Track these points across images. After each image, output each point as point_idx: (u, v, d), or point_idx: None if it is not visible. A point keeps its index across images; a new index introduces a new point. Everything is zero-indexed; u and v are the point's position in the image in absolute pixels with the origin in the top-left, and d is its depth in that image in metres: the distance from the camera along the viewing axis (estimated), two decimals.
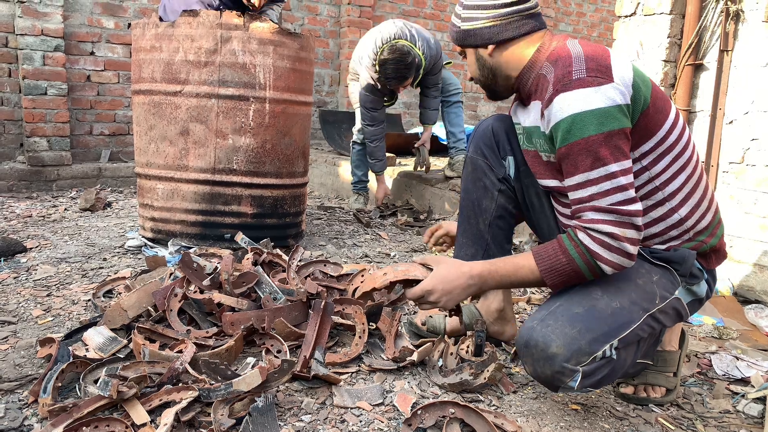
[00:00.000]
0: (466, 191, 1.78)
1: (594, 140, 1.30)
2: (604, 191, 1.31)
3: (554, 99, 1.34)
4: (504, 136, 1.70)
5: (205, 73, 2.51)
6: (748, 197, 2.59)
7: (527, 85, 1.51)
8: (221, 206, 2.61)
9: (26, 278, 2.27)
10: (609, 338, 1.33)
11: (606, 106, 1.30)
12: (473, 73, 1.59)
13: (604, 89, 1.30)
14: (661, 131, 1.41)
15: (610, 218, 1.31)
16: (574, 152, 1.33)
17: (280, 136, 2.65)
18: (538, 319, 1.36)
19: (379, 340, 1.78)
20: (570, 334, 1.31)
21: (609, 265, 1.33)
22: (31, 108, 4.36)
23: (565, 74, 1.34)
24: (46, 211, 3.60)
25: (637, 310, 1.38)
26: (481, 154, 1.73)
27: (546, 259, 1.37)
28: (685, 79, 2.74)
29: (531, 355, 1.34)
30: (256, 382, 1.36)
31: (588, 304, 1.35)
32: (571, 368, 1.30)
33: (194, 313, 1.79)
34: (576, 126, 1.31)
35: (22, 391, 1.43)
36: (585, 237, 1.32)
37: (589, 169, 1.32)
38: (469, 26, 1.49)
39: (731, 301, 2.47)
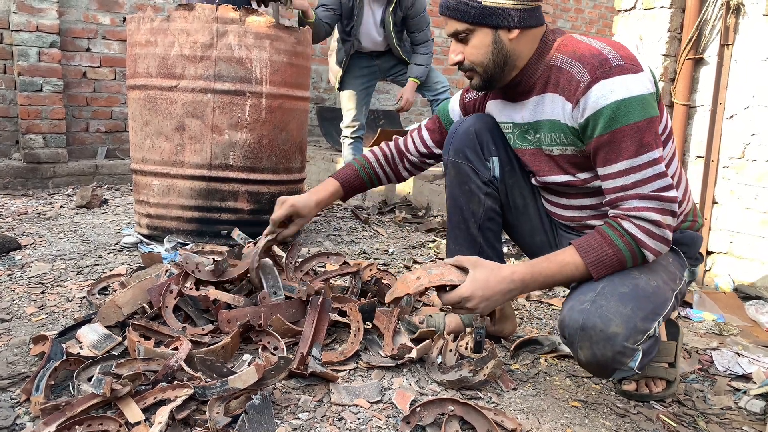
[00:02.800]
0: (452, 197, 1.72)
1: (640, 126, 1.30)
2: (647, 178, 1.32)
3: (593, 86, 1.32)
4: (488, 136, 1.64)
5: (201, 68, 2.48)
6: (749, 192, 2.57)
7: (533, 77, 1.47)
8: (218, 202, 2.58)
9: (20, 275, 2.24)
10: (656, 316, 1.34)
11: (646, 93, 1.32)
12: (479, 57, 1.45)
13: (641, 77, 1.32)
14: (664, 115, 1.44)
15: (653, 205, 1.32)
16: (618, 138, 1.32)
17: (277, 131, 2.63)
18: (588, 301, 1.32)
19: (377, 337, 1.76)
20: (625, 313, 1.29)
21: (652, 252, 1.35)
22: (26, 105, 4.33)
23: (602, 61, 1.33)
24: (41, 208, 3.57)
25: (668, 289, 1.40)
26: (463, 157, 1.66)
27: (591, 252, 1.35)
28: (686, 73, 2.72)
29: (589, 337, 1.30)
30: (252, 379, 1.33)
31: (631, 284, 1.35)
32: (632, 347, 1.29)
33: (190, 310, 1.77)
34: (621, 112, 1.30)
35: (14, 389, 1.41)
36: (631, 226, 1.33)
37: (634, 155, 1.31)
38: (496, 3, 1.39)
39: (732, 297, 2.45)
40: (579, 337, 1.31)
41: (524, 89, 1.51)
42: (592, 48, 1.36)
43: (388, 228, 3.45)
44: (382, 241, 3.14)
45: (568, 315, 1.34)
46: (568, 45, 1.42)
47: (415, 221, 3.66)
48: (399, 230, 3.43)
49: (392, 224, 3.57)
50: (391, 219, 3.69)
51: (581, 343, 1.32)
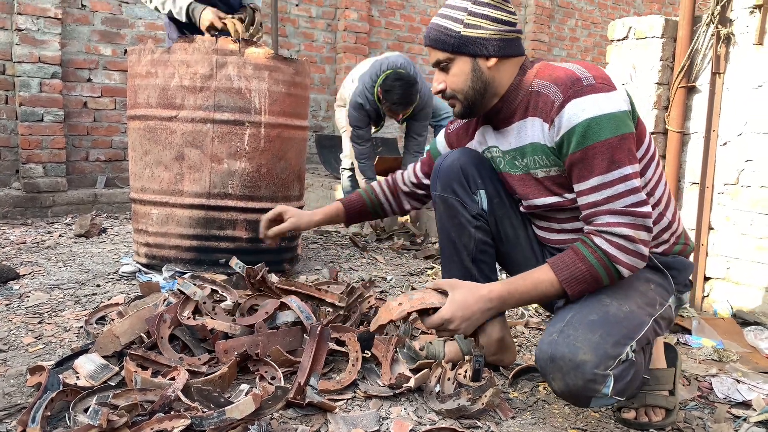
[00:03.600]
0: (444, 230, 1.74)
1: (610, 143, 1.33)
2: (619, 194, 1.35)
3: (566, 105, 1.37)
4: (473, 169, 1.67)
5: (201, 98, 2.52)
6: (744, 218, 2.59)
7: (513, 103, 1.52)
8: (216, 231, 2.59)
9: (18, 305, 2.24)
10: (628, 340, 1.34)
11: (618, 110, 1.35)
12: (460, 84, 1.51)
13: (613, 95, 1.36)
14: (646, 140, 1.48)
15: (625, 221, 1.34)
16: (589, 155, 1.35)
17: (276, 160, 2.66)
18: (556, 331, 1.34)
19: (375, 365, 1.75)
20: (593, 340, 1.30)
21: (626, 267, 1.36)
22: (27, 134, 4.37)
23: (575, 82, 1.37)
24: (40, 237, 3.58)
25: (644, 314, 1.41)
26: (451, 192, 1.68)
27: (564, 269, 1.37)
28: (678, 101, 2.76)
29: (559, 368, 1.31)
30: (250, 409, 1.33)
31: (601, 311, 1.36)
32: (602, 374, 1.29)
33: (187, 340, 1.76)
34: (592, 129, 1.34)
35: (10, 420, 1.40)
36: (602, 241, 1.35)
37: (605, 171, 1.35)
38: (474, 33, 1.46)
39: (730, 323, 2.45)
40: (550, 369, 1.33)
41: (506, 115, 1.55)
42: (567, 70, 1.42)
43: (387, 255, 3.46)
44: (380, 268, 3.14)
45: (539, 348, 1.37)
46: (545, 70, 1.48)
47: (413, 248, 3.67)
48: (397, 257, 3.43)
49: (390, 251, 3.58)
50: (390, 246, 3.70)
51: (553, 375, 1.33)
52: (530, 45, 7.64)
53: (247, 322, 1.82)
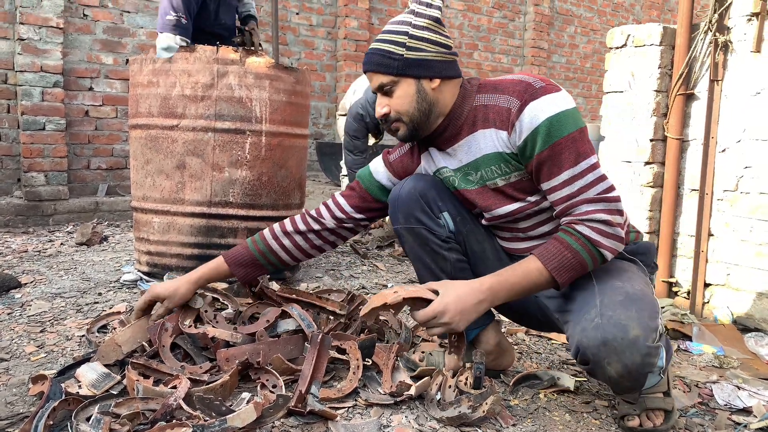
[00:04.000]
0: (418, 259, 1.72)
1: (573, 137, 1.41)
2: (590, 182, 1.42)
3: (525, 108, 1.43)
4: (432, 193, 1.65)
5: (202, 107, 2.53)
6: (744, 225, 2.59)
7: (459, 120, 1.56)
8: (217, 239, 2.60)
9: (20, 314, 2.25)
10: (656, 313, 1.39)
11: (571, 107, 1.43)
12: (405, 106, 1.52)
13: (563, 94, 1.45)
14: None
15: (601, 207, 1.41)
16: (557, 151, 1.42)
17: (277, 168, 2.67)
18: (597, 316, 1.37)
19: (376, 373, 1.76)
20: (633, 316, 1.33)
21: (608, 250, 1.42)
22: (29, 143, 4.39)
23: (526, 87, 1.45)
24: (42, 245, 3.59)
25: (650, 291, 1.47)
26: (416, 221, 1.66)
27: (552, 259, 1.41)
28: (677, 108, 2.77)
29: (614, 350, 1.32)
30: (251, 417, 1.34)
31: (622, 292, 1.40)
32: (654, 346, 1.33)
33: (189, 348, 1.77)
34: (554, 127, 1.41)
35: (12, 429, 1.41)
36: (585, 228, 1.40)
37: (574, 164, 1.42)
38: (417, 55, 1.50)
39: (731, 329, 2.45)
40: (604, 353, 1.34)
41: (452, 133, 1.58)
42: (511, 80, 1.49)
43: (387, 262, 3.46)
44: (381, 275, 3.15)
45: (584, 336, 1.37)
46: (487, 85, 1.55)
47: None
48: (398, 264, 3.44)
49: (391, 258, 3.58)
50: (390, 253, 3.71)
51: (608, 359, 1.33)
52: (530, 52, 7.66)
53: (249, 331, 1.83)
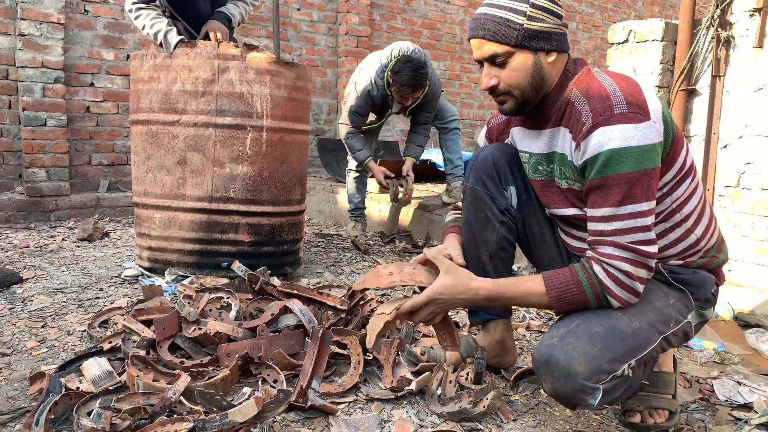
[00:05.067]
0: (467, 222, 1.73)
1: (629, 177, 1.30)
2: (628, 228, 1.32)
3: (594, 132, 1.33)
4: (505, 165, 1.66)
5: (203, 103, 2.53)
6: (745, 221, 2.59)
7: (552, 107, 1.47)
8: (218, 235, 2.60)
9: (21, 309, 2.25)
10: (627, 358, 1.33)
11: (645, 144, 1.30)
12: (519, 80, 1.43)
13: (643, 127, 1.30)
14: (681, 156, 1.43)
15: (628, 256, 1.32)
16: (607, 185, 1.33)
17: (278, 164, 2.67)
18: (558, 337, 1.34)
19: (377, 369, 1.76)
20: (591, 353, 1.29)
21: (617, 300, 1.35)
22: (30, 139, 4.39)
23: (606, 108, 1.33)
24: (43, 241, 3.60)
25: (654, 332, 1.38)
26: (481, 184, 1.67)
27: (557, 287, 1.38)
28: (679, 104, 2.76)
29: (551, 372, 1.31)
30: (252, 412, 1.34)
31: (608, 324, 1.34)
32: (592, 386, 1.29)
33: (187, 346, 1.77)
34: (613, 161, 1.31)
35: (14, 424, 1.41)
36: (600, 271, 1.34)
37: (619, 204, 1.32)
38: (538, 27, 1.39)
39: (732, 325, 2.45)
40: (542, 371, 1.34)
41: (543, 118, 1.51)
42: (602, 89, 1.37)
43: (388, 258, 3.46)
44: None
45: (537, 348, 1.37)
46: (583, 81, 1.43)
47: (415, 251, 3.68)
48: (399, 260, 3.44)
49: (392, 254, 3.58)
50: (391, 249, 3.71)
51: (544, 376, 1.34)
52: None
53: (251, 325, 1.83)
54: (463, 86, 7.07)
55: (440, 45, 6.84)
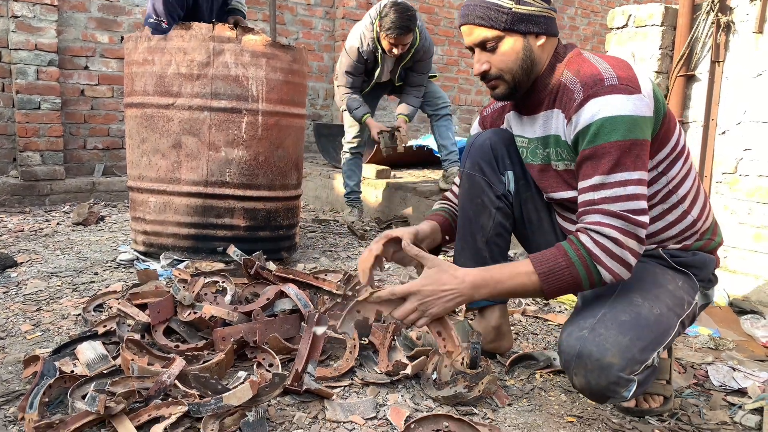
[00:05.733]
0: (463, 208, 1.72)
1: (620, 145, 1.29)
2: (617, 196, 1.31)
3: (585, 104, 1.33)
4: (503, 150, 1.65)
5: (198, 86, 2.50)
6: (742, 207, 2.59)
7: (544, 90, 1.47)
8: (214, 219, 2.59)
9: (16, 293, 2.24)
10: (657, 346, 1.32)
11: (636, 114, 1.30)
12: (509, 64, 1.43)
13: (634, 98, 1.30)
14: (674, 136, 1.43)
15: (616, 224, 1.30)
16: (598, 154, 1.32)
17: (273, 148, 2.65)
18: (587, 328, 1.31)
19: (372, 353, 1.76)
20: (623, 343, 1.27)
21: (609, 272, 1.31)
22: (24, 122, 4.35)
23: (597, 81, 1.33)
24: (38, 225, 3.58)
25: (673, 316, 1.38)
26: (478, 170, 1.67)
27: (545, 263, 1.34)
28: (678, 90, 2.75)
29: (584, 366, 1.28)
30: (247, 396, 1.33)
31: (633, 312, 1.33)
32: (627, 377, 1.27)
33: (182, 330, 1.76)
34: (604, 129, 1.30)
35: (8, 407, 1.41)
36: (587, 239, 1.31)
37: (609, 172, 1.31)
38: (526, 10, 1.39)
39: (727, 311, 2.46)
40: (575, 364, 1.31)
41: (536, 102, 1.51)
42: (593, 67, 1.37)
43: None
44: None
45: (566, 341, 1.33)
46: (574, 63, 1.43)
47: None
48: None
49: None
50: None
51: (576, 370, 1.31)
52: None
53: (246, 309, 1.82)
54: (460, 71, 7.03)
55: (438, 30, 6.78)
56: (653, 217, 1.45)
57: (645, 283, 1.41)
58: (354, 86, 3.72)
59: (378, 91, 3.94)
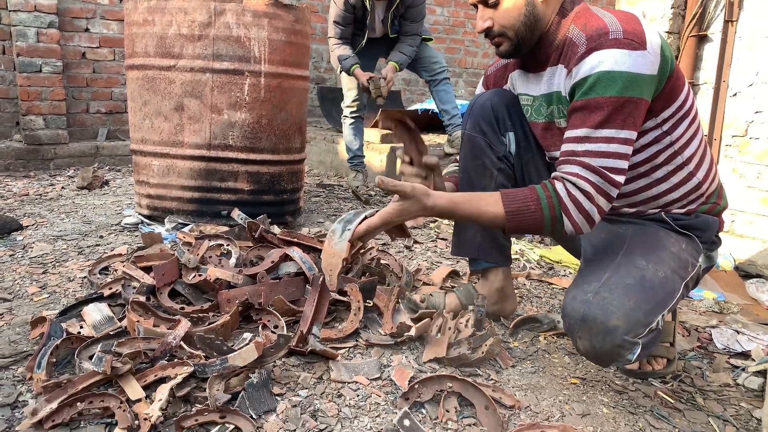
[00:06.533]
0: (465, 170, 1.71)
1: (614, 101, 1.27)
2: (600, 151, 1.29)
3: (587, 57, 1.30)
4: (504, 111, 1.63)
5: (199, 47, 2.46)
6: (751, 171, 2.56)
7: (550, 47, 1.44)
8: (217, 183, 2.58)
9: (22, 256, 2.25)
10: (661, 308, 1.32)
11: (636, 72, 1.26)
12: (512, 20, 1.41)
13: (637, 55, 1.26)
14: (681, 96, 1.39)
15: (592, 178, 1.29)
16: (590, 107, 1.29)
17: (276, 110, 2.62)
18: (592, 292, 1.31)
19: (377, 315, 1.76)
20: (628, 306, 1.27)
21: (572, 224, 1.31)
22: (26, 86, 4.31)
23: (601, 34, 1.30)
24: (43, 189, 3.58)
25: (677, 278, 1.37)
26: (479, 131, 1.65)
27: (514, 203, 1.32)
28: (689, 50, 2.69)
29: (588, 329, 1.28)
30: (252, 357, 1.34)
31: (638, 275, 1.32)
32: (631, 341, 1.27)
33: (187, 293, 1.77)
34: (600, 83, 1.28)
35: (16, 367, 1.42)
36: (562, 188, 1.30)
37: (596, 126, 1.29)
38: None
39: (732, 275, 2.45)
40: (578, 328, 1.30)
41: (541, 60, 1.48)
42: (600, 21, 1.34)
43: None
44: None
45: (570, 304, 1.33)
46: (581, 17, 1.40)
47: None
48: None
49: None
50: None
51: (580, 334, 1.31)
52: None
53: (251, 272, 1.83)
54: (467, 33, 6.90)
55: None
56: (657, 179, 1.43)
57: (649, 246, 1.40)
58: (344, 37, 3.61)
59: (373, 50, 3.82)
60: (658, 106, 1.36)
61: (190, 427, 1.21)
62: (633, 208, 1.49)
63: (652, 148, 1.40)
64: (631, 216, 1.51)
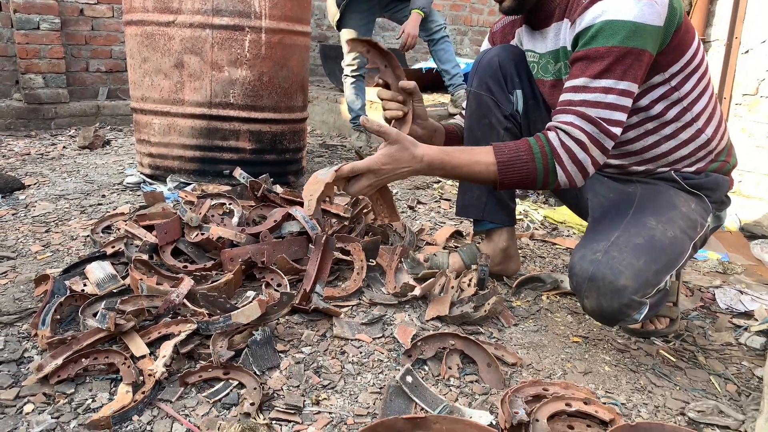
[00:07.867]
0: (470, 129, 1.67)
1: (615, 51, 1.23)
2: (596, 102, 1.25)
3: (590, 7, 1.25)
4: (512, 67, 1.58)
5: (199, 2, 2.40)
6: (761, 130, 2.51)
7: (554, 1, 1.40)
8: (219, 141, 2.55)
9: (25, 215, 2.25)
10: (670, 269, 1.31)
11: (640, 21, 1.22)
12: None
13: (643, 4, 1.22)
14: (690, 50, 1.35)
15: (587, 128, 1.25)
16: (590, 56, 1.25)
17: (278, 68, 2.57)
18: (601, 251, 1.29)
19: (380, 275, 1.76)
20: (637, 266, 1.26)
21: (565, 174, 1.28)
22: (24, 43, 4.24)
23: None
24: (44, 149, 3.56)
25: (686, 238, 1.36)
26: (486, 89, 1.61)
27: (506, 153, 1.29)
28: (701, 5, 2.61)
29: (596, 288, 1.27)
30: (255, 314, 1.35)
31: (647, 234, 1.31)
32: (639, 300, 1.26)
33: (189, 251, 1.77)
34: (603, 32, 1.23)
35: (21, 324, 1.43)
36: (555, 138, 1.27)
37: (595, 76, 1.25)
38: None
39: (737, 236, 2.44)
40: (587, 287, 1.29)
41: (545, 15, 1.44)
42: None
43: None
44: None
45: (579, 263, 1.31)
46: None
47: None
48: None
49: None
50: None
51: (588, 293, 1.29)
52: None
53: (254, 231, 1.82)
54: None
55: None
56: (666, 135, 1.40)
57: (658, 206, 1.38)
58: None
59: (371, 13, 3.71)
60: (665, 60, 1.32)
61: (194, 383, 1.22)
62: (642, 166, 1.47)
63: (660, 104, 1.37)
64: (640, 175, 1.49)
